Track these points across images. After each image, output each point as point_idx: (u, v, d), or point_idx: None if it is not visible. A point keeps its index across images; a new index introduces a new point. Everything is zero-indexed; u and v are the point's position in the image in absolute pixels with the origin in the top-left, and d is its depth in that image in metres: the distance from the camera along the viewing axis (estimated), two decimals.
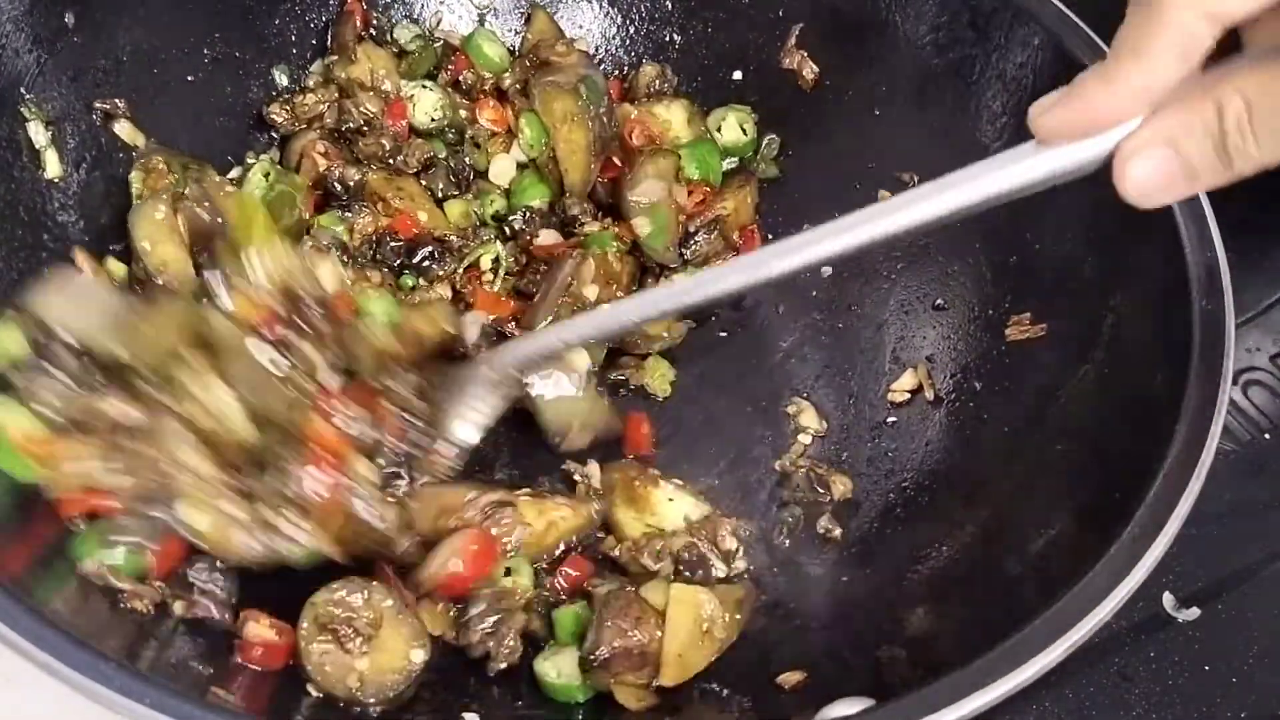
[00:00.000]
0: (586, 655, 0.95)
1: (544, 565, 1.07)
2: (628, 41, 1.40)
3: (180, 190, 1.13)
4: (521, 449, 1.17)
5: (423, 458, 1.01)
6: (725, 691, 0.96)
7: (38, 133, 1.07)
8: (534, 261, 1.26)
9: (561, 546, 1.09)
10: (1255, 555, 1.15)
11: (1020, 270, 1.14)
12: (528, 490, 1.10)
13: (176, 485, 0.90)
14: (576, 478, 1.14)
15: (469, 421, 1.03)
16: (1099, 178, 0.66)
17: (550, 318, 1.19)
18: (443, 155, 1.32)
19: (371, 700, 0.91)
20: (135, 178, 1.15)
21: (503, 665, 0.98)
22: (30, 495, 0.90)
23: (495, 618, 0.99)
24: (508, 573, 1.04)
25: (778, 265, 0.81)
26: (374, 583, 0.95)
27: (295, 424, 0.93)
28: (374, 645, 0.92)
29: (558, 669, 0.98)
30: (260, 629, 0.92)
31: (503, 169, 1.33)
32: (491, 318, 1.21)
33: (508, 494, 1.07)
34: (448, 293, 1.23)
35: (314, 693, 0.91)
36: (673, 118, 1.34)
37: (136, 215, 1.12)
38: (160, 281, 1.09)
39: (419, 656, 0.94)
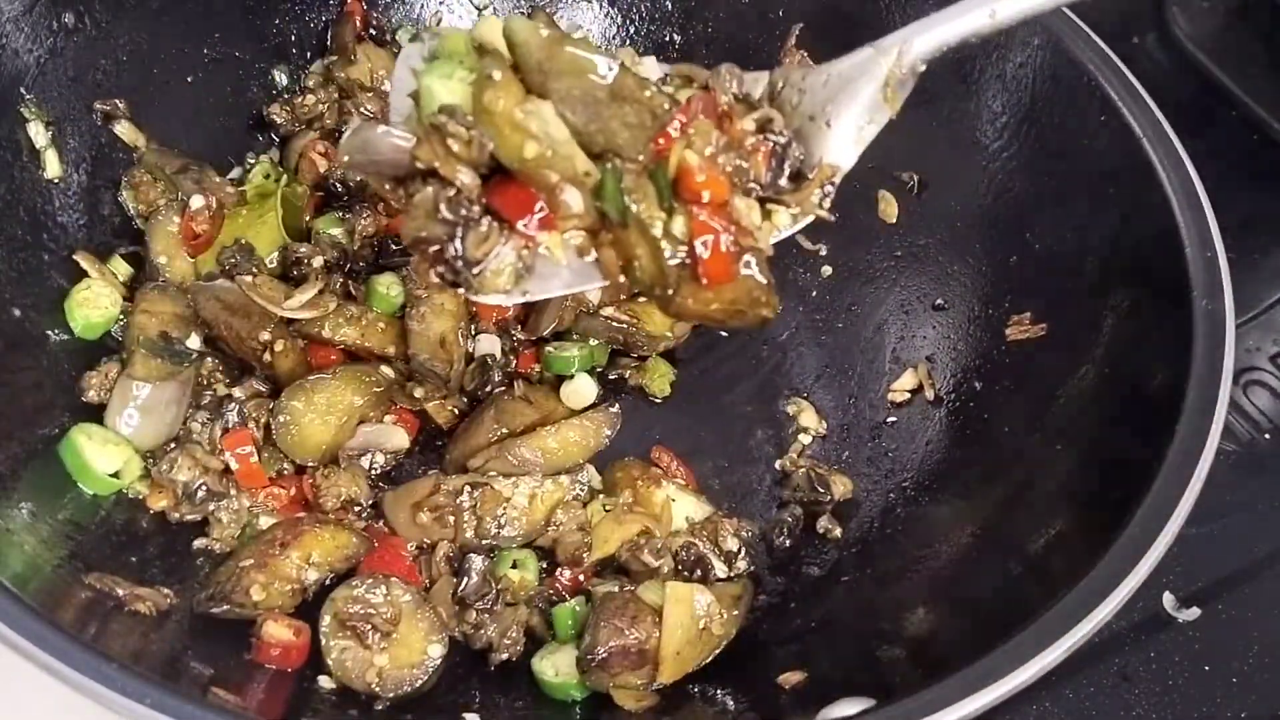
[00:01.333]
0: (584, 655, 0.95)
1: (545, 566, 1.07)
2: (628, 41, 1.40)
3: (172, 197, 1.14)
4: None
5: (809, 177, 0.78)
6: (725, 692, 0.96)
7: (38, 133, 1.07)
8: None
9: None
10: (1255, 555, 1.15)
11: (1020, 270, 1.14)
12: (495, 471, 1.10)
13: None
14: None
15: (854, 138, 0.79)
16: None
17: (554, 323, 1.19)
18: None
19: (391, 695, 0.91)
20: (127, 196, 1.16)
21: (505, 656, 0.99)
22: None
23: (491, 594, 0.99)
24: (514, 565, 1.04)
25: None
26: (392, 579, 0.96)
27: (641, 148, 0.75)
28: (393, 641, 0.93)
29: (555, 667, 0.98)
30: (278, 629, 0.92)
31: None
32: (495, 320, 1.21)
33: (476, 476, 1.07)
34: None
35: (326, 685, 0.92)
36: None
37: (151, 229, 1.14)
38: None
39: (437, 651, 0.94)
